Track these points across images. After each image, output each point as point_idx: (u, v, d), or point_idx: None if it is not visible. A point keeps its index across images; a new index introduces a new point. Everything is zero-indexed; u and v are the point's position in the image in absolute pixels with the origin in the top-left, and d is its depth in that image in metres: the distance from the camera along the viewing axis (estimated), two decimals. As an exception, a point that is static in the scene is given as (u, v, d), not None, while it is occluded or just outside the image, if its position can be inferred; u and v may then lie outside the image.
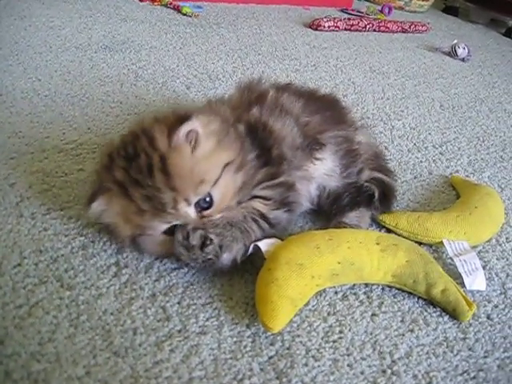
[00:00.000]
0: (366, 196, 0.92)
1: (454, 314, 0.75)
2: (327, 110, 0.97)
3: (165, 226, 0.71)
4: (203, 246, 0.70)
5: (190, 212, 0.71)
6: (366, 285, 0.79)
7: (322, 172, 0.90)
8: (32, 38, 1.59)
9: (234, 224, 0.74)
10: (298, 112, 0.91)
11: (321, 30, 2.12)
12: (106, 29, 1.76)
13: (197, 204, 0.71)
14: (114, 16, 1.91)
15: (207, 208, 0.73)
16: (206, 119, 0.75)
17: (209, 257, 0.71)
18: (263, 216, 0.77)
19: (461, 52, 1.98)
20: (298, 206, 0.87)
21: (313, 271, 0.72)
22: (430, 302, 0.77)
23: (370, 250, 0.77)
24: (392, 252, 0.77)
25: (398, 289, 0.79)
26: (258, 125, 0.85)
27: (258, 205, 0.78)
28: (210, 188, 0.72)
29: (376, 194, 0.93)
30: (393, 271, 0.77)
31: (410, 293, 0.78)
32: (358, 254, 0.76)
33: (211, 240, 0.70)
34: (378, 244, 0.77)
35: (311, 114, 0.92)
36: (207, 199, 0.72)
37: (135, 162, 0.70)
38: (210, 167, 0.72)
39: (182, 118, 0.71)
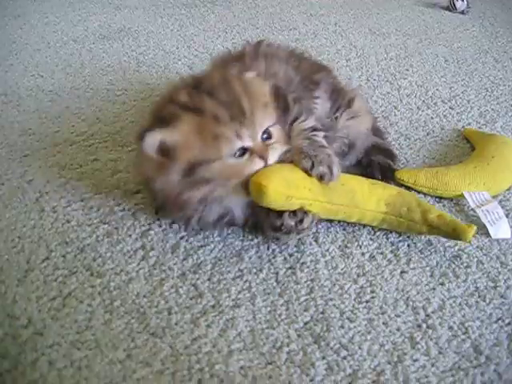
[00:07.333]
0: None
1: (454, 235, 0.76)
2: (309, 58, 1.07)
3: (238, 145, 0.70)
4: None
5: (259, 135, 0.73)
6: (392, 243, 0.79)
7: (321, 111, 0.93)
8: (29, 35, 1.58)
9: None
10: (285, 57, 0.98)
11: (316, -2, 2.09)
12: (101, 19, 1.75)
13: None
14: (107, 5, 1.89)
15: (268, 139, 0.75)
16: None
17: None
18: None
19: (460, 5, 1.94)
20: None
21: (305, 183, 0.73)
22: (456, 254, 0.77)
23: (359, 181, 0.81)
24: (382, 185, 0.82)
25: (396, 225, 0.79)
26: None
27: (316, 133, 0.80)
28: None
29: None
30: (385, 199, 0.78)
31: (410, 230, 0.79)
32: (348, 180, 0.79)
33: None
34: (367, 180, 0.82)
35: (298, 60, 0.99)
36: (266, 133, 0.74)
37: (206, 83, 0.74)
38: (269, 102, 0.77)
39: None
